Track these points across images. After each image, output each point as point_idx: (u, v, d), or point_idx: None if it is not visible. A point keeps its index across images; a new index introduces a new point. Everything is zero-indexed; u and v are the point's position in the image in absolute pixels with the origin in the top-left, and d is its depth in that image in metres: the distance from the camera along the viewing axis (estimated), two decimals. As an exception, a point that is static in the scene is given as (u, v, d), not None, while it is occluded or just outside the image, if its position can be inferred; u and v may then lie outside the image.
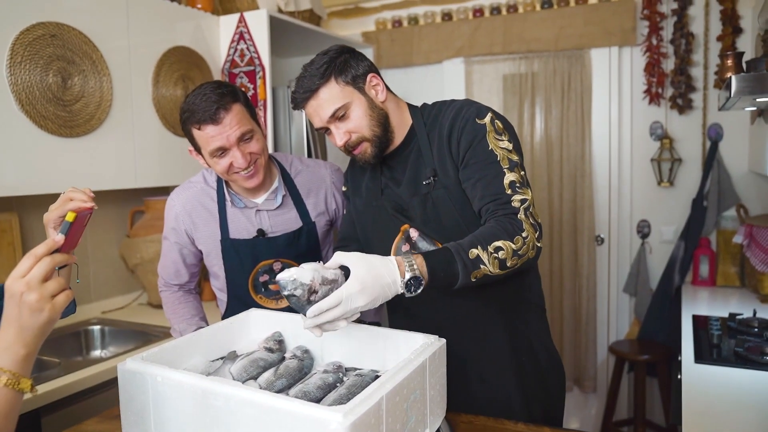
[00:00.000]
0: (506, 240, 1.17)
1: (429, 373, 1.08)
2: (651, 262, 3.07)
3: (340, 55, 1.34)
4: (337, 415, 0.83)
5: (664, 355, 2.79)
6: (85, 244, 2.49)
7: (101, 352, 2.32)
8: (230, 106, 1.48)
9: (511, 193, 1.25)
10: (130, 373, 1.05)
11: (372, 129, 1.37)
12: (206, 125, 1.47)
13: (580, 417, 3.27)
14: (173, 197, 1.70)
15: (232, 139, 1.48)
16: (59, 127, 1.99)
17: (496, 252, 1.16)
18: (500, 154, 1.29)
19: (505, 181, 1.27)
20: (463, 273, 1.14)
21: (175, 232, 1.70)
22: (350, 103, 1.34)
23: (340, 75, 1.33)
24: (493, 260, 1.16)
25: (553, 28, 3.07)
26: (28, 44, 1.89)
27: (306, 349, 1.28)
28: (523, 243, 1.19)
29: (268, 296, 1.68)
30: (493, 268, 1.16)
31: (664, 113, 2.98)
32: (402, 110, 1.44)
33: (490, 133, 1.31)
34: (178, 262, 1.73)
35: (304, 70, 1.35)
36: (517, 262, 1.19)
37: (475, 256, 1.14)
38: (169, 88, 2.40)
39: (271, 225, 1.66)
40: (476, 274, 1.15)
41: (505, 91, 3.26)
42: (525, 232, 1.20)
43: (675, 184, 2.99)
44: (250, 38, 2.60)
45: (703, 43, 2.87)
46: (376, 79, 1.37)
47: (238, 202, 1.65)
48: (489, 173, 1.28)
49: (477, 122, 1.32)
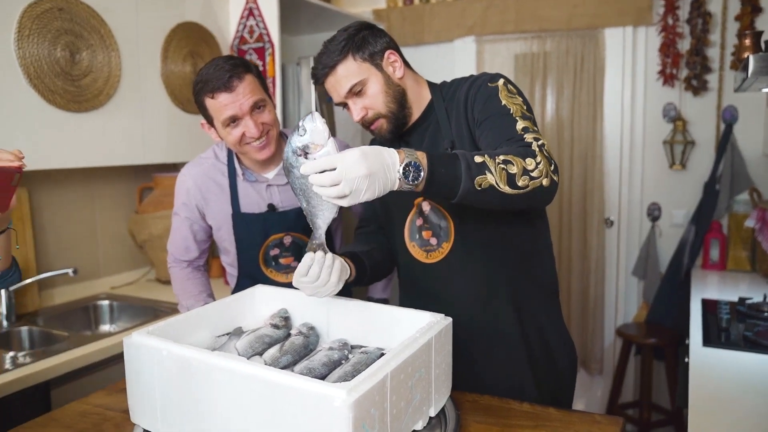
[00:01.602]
0: (517, 157, 1.10)
1: (435, 351, 1.08)
2: (661, 245, 3.04)
3: (359, 32, 1.35)
4: (341, 392, 0.83)
5: (672, 339, 2.78)
6: (93, 220, 2.49)
7: (110, 326, 2.34)
8: (243, 75, 1.50)
9: (523, 133, 1.21)
10: (136, 347, 1.05)
11: (388, 105, 1.37)
12: (220, 93, 1.49)
13: (585, 398, 3.27)
14: (184, 173, 1.71)
15: (245, 108, 1.50)
16: (67, 102, 1.98)
17: (504, 164, 1.07)
18: (513, 108, 1.27)
19: (518, 126, 1.23)
20: (466, 175, 1.04)
21: (185, 207, 1.71)
22: (367, 80, 1.34)
23: (358, 51, 1.34)
24: (501, 171, 1.06)
25: (566, 6, 3.01)
26: (36, 17, 1.87)
27: (312, 326, 1.28)
28: (535, 165, 1.11)
29: (279, 270, 1.69)
30: (500, 181, 1.06)
31: (678, 95, 2.93)
32: (421, 86, 1.44)
33: (503, 91, 1.30)
34: (188, 237, 1.74)
35: (324, 46, 1.36)
36: (528, 184, 1.09)
37: (481, 162, 1.06)
38: (177, 64, 2.39)
39: (281, 200, 1.68)
40: (481, 181, 1.05)
41: (516, 71, 3.22)
42: (538, 158, 1.12)
43: (687, 167, 2.95)
44: (259, 14, 2.57)
45: (720, 23, 2.81)
46: (394, 55, 1.37)
47: (250, 175, 1.66)
48: (502, 123, 1.25)
49: (489, 85, 1.32)
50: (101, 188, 2.52)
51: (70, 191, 2.39)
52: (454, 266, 1.40)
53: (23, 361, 1.70)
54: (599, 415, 1.15)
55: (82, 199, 2.44)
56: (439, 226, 1.39)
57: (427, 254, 1.42)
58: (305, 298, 1.34)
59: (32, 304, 2.19)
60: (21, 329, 2.05)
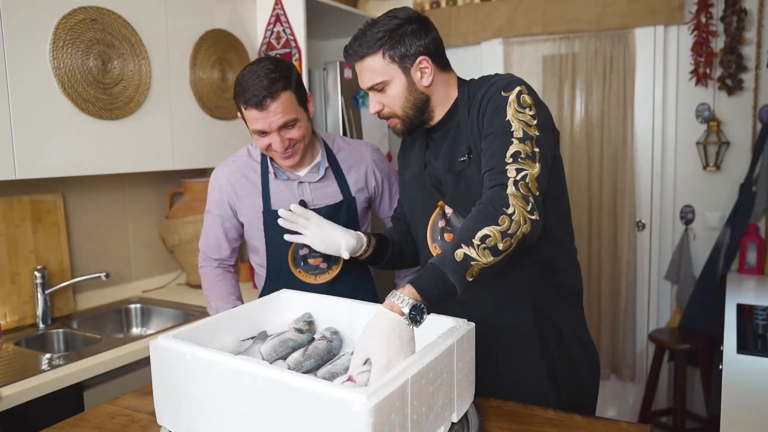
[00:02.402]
0: (490, 225, 1.11)
1: (457, 356, 1.07)
2: (694, 249, 2.97)
3: (402, 26, 1.31)
4: (361, 397, 0.83)
5: (706, 344, 2.71)
6: (125, 225, 2.55)
7: (141, 329, 2.39)
8: (278, 94, 1.50)
9: (510, 162, 1.17)
10: (162, 350, 1.07)
11: (405, 110, 1.36)
12: (251, 109, 1.51)
13: (616, 405, 3.21)
14: (217, 170, 1.76)
15: (274, 126, 1.52)
16: (99, 110, 2.03)
17: (482, 242, 1.10)
18: (515, 125, 1.21)
19: (509, 151, 1.19)
20: (456, 279, 1.09)
21: (217, 205, 1.75)
22: (389, 81, 1.33)
23: (390, 50, 1.31)
24: (483, 251, 1.10)
25: (595, 6, 2.97)
26: (70, 29, 1.93)
27: (335, 331, 1.29)
28: (510, 222, 1.12)
29: (307, 271, 1.70)
30: (485, 259, 1.10)
31: (711, 94, 2.86)
32: (449, 87, 1.40)
33: (512, 104, 1.24)
34: (219, 236, 1.77)
35: (366, 26, 1.34)
36: (511, 243, 1.12)
37: (462, 256, 1.09)
38: (206, 71, 2.43)
39: (313, 197, 1.70)
40: (471, 272, 1.09)
41: (544, 73, 3.19)
42: (511, 208, 1.12)
43: (722, 168, 2.88)
44: (286, 20, 2.60)
45: (756, 20, 2.74)
46: (426, 62, 1.33)
47: (281, 174, 1.69)
48: (497, 144, 1.21)
49: (501, 95, 1.26)
50: (133, 194, 2.57)
51: (102, 197, 2.45)
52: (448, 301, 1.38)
53: (58, 362, 1.75)
54: (625, 422, 1.12)
55: (114, 205, 2.50)
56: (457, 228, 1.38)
57: None
58: (330, 302, 1.35)
59: (67, 308, 2.25)
60: (56, 332, 2.11)
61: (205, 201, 2.55)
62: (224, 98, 2.51)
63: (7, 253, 2.08)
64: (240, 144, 2.56)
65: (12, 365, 1.74)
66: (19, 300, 2.10)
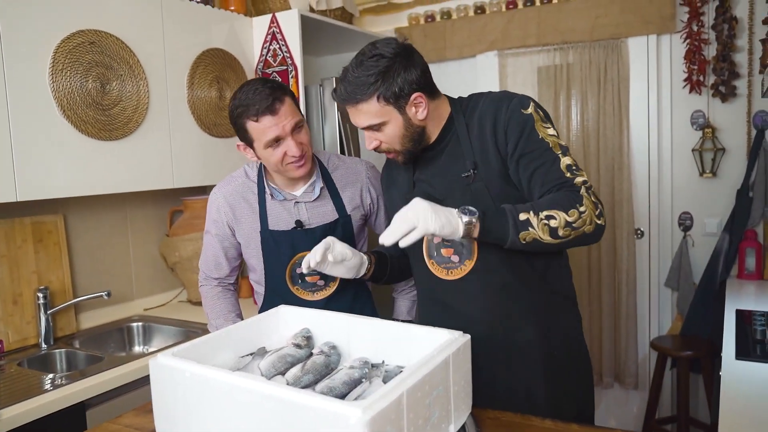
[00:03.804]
0: (560, 210, 1.21)
1: (453, 368, 1.08)
2: (694, 255, 2.98)
3: (393, 66, 1.29)
4: (357, 410, 0.84)
5: (708, 350, 2.71)
6: (126, 244, 2.57)
7: (143, 347, 2.40)
8: (283, 98, 1.57)
9: (571, 176, 1.28)
10: (161, 368, 1.08)
11: (404, 145, 1.39)
12: (264, 116, 1.54)
13: (619, 414, 3.20)
14: (215, 191, 1.77)
15: (288, 129, 1.56)
16: (99, 131, 2.06)
17: (547, 219, 1.21)
18: (551, 142, 1.32)
19: (563, 165, 1.30)
20: (513, 230, 1.21)
21: (216, 225, 1.77)
22: (386, 122, 1.34)
23: (385, 92, 1.30)
24: (543, 226, 1.21)
25: (588, 17, 3.00)
26: (69, 52, 1.96)
27: (333, 345, 1.30)
28: (579, 216, 1.22)
29: (305, 288, 1.72)
30: (543, 234, 1.21)
31: (705, 102, 2.88)
32: (441, 109, 1.42)
33: (537, 121, 1.33)
34: (219, 255, 1.80)
35: (353, 68, 1.32)
36: (570, 234, 1.22)
37: (525, 219, 1.21)
38: (204, 90, 2.46)
39: (308, 217, 1.71)
40: (525, 236, 1.21)
41: (539, 84, 3.22)
42: (583, 207, 1.23)
43: (718, 174, 2.89)
44: (282, 38, 2.63)
45: (747, 28, 2.76)
46: (420, 98, 1.34)
47: (278, 194, 1.71)
48: (546, 161, 1.30)
49: (523, 113, 1.32)
50: (133, 213, 2.59)
51: (103, 216, 2.47)
52: (475, 283, 1.40)
53: (60, 382, 1.76)
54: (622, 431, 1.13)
55: (115, 224, 2.52)
56: (462, 244, 1.39)
57: (448, 271, 1.42)
58: (328, 317, 1.36)
59: (69, 327, 2.26)
60: (59, 351, 2.12)
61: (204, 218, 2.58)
62: (222, 116, 2.54)
63: (9, 274, 2.10)
64: (238, 161, 2.58)
65: (15, 386, 1.75)
66: (21, 321, 2.12)
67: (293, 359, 1.24)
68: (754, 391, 1.54)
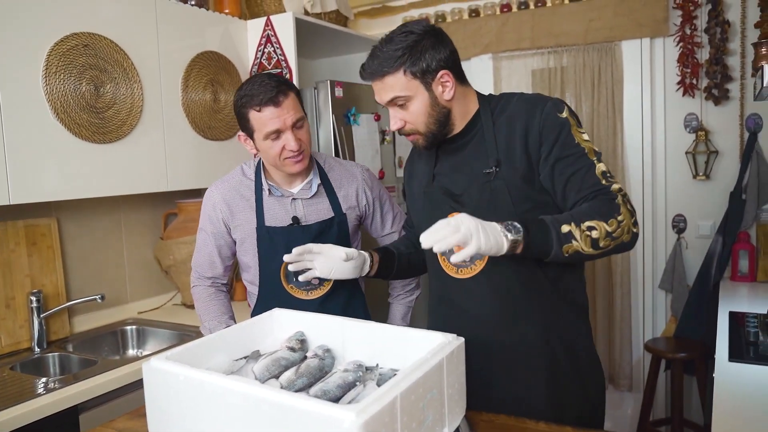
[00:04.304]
0: (600, 221, 1.20)
1: (447, 371, 1.08)
2: (687, 257, 2.99)
3: (421, 41, 1.30)
4: (350, 414, 0.84)
5: (702, 352, 2.72)
6: (120, 247, 2.56)
7: (137, 351, 2.39)
8: (288, 92, 1.60)
9: (607, 183, 1.27)
10: (155, 372, 1.08)
11: (428, 126, 1.37)
12: (267, 107, 1.57)
13: (615, 416, 3.21)
14: (211, 189, 1.79)
15: (288, 123, 1.59)
16: (93, 134, 2.05)
17: (589, 231, 1.19)
18: (586, 147, 1.30)
19: (598, 171, 1.28)
20: (557, 243, 1.19)
21: (211, 222, 1.77)
22: (412, 97, 1.33)
23: (411, 66, 1.30)
24: (585, 238, 1.19)
25: (582, 21, 3.01)
26: (62, 55, 1.95)
27: (327, 348, 1.30)
28: (617, 226, 1.21)
29: (299, 287, 1.72)
30: (585, 246, 1.19)
31: (698, 105, 2.90)
32: (468, 100, 1.41)
33: (573, 126, 1.31)
34: (213, 253, 1.80)
35: (381, 44, 1.33)
36: (610, 244, 1.21)
37: (567, 232, 1.19)
38: (198, 93, 2.46)
39: (305, 214, 1.73)
40: (568, 249, 1.19)
41: (534, 87, 3.23)
42: (621, 216, 1.22)
43: (711, 177, 2.91)
44: (276, 41, 2.63)
45: (740, 31, 2.78)
46: (447, 76, 1.33)
47: (275, 191, 1.73)
48: (582, 166, 1.29)
49: (559, 116, 1.31)
50: (127, 216, 2.59)
51: (97, 220, 2.46)
52: (484, 284, 1.39)
53: (53, 386, 1.75)
54: (616, 433, 1.13)
55: (109, 227, 2.51)
56: None
57: (458, 270, 1.42)
58: (322, 320, 1.36)
59: (63, 331, 2.25)
60: (52, 355, 2.11)
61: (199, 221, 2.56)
62: (216, 119, 2.54)
63: (2, 277, 2.09)
64: (233, 164, 2.58)
65: (7, 390, 1.74)
66: (14, 324, 2.11)
67: (287, 362, 1.24)
68: (747, 393, 1.54)
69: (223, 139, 2.57)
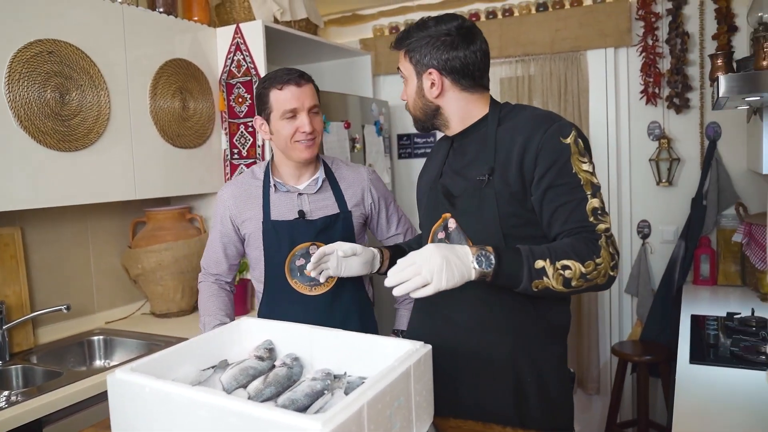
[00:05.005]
0: (576, 261, 1.19)
1: (414, 379, 1.09)
2: (652, 262, 3.07)
3: (434, 37, 1.36)
4: (317, 424, 0.84)
5: (667, 355, 2.78)
6: (87, 256, 2.52)
7: (104, 362, 2.35)
8: (309, 81, 1.74)
9: (594, 221, 1.25)
10: (120, 384, 1.07)
11: (415, 110, 1.46)
12: (289, 86, 1.68)
13: (583, 419, 3.26)
14: (222, 189, 1.88)
15: (306, 104, 1.70)
16: (58, 142, 2.02)
17: (562, 270, 1.19)
18: (584, 178, 1.27)
19: (589, 207, 1.26)
20: (527, 278, 1.19)
21: (221, 222, 1.85)
22: (407, 78, 1.43)
23: (410, 52, 1.40)
24: (557, 276, 1.19)
25: (548, 30, 3.08)
26: (26, 62, 1.92)
27: (296, 357, 1.30)
28: (594, 268, 1.20)
29: (303, 282, 1.76)
30: (556, 284, 1.19)
31: (661, 113, 2.98)
32: (472, 105, 1.42)
33: (575, 154, 1.27)
34: (218, 251, 1.88)
35: (418, 21, 1.41)
36: (582, 284, 1.21)
37: (540, 268, 1.18)
38: (166, 100, 2.44)
39: (311, 209, 1.79)
40: (538, 284, 1.19)
41: (501, 95, 3.28)
42: (600, 259, 1.21)
43: (674, 183, 2.99)
44: (246, 49, 2.63)
45: (698, 42, 2.87)
46: (435, 75, 1.37)
47: (282, 186, 1.79)
48: (573, 199, 1.26)
49: (561, 141, 1.27)
50: (94, 225, 2.55)
51: (63, 229, 2.42)
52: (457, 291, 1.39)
53: (16, 399, 1.71)
54: (580, 437, 1.16)
55: (75, 236, 2.47)
56: None
57: None
58: (290, 329, 1.36)
59: (26, 342, 2.21)
60: (15, 367, 2.06)
61: (168, 230, 2.56)
62: (185, 127, 2.52)
63: (-37, 288, 2.04)
64: (203, 172, 2.57)
65: (-32, 404, 1.70)
66: (-24, 336, 2.06)
67: (255, 372, 1.24)
68: (706, 394, 1.59)
69: (192, 147, 2.55)
